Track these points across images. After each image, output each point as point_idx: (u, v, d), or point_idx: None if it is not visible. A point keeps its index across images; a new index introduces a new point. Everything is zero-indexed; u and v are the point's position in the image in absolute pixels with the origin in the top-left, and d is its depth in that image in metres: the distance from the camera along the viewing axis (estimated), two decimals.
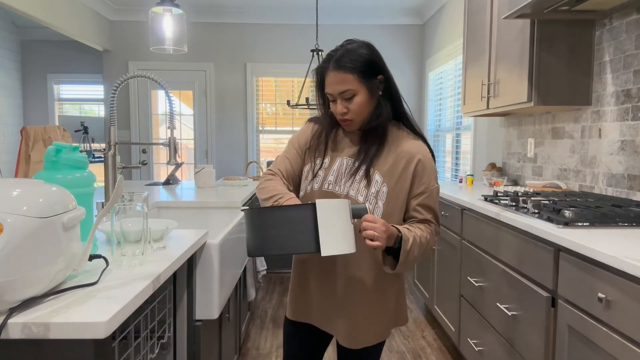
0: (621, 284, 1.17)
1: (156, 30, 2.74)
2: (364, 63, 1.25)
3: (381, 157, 1.30)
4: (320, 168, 1.35)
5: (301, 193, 1.38)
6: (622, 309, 1.17)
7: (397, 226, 1.22)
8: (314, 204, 1.04)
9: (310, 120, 1.45)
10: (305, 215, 1.03)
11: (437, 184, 1.33)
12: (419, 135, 1.35)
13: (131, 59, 5.45)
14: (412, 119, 1.38)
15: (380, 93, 1.30)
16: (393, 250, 1.23)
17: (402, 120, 1.37)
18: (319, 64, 1.33)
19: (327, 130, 1.38)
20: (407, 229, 1.23)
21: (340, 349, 1.42)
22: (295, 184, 1.40)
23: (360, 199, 1.27)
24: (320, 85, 1.34)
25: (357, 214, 1.14)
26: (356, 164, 1.30)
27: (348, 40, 1.31)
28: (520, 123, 3.05)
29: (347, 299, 1.32)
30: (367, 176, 1.28)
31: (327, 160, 1.35)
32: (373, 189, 1.27)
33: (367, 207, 1.20)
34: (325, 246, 1.02)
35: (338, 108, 1.28)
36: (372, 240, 1.10)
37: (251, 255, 1.07)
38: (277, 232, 1.03)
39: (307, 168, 1.38)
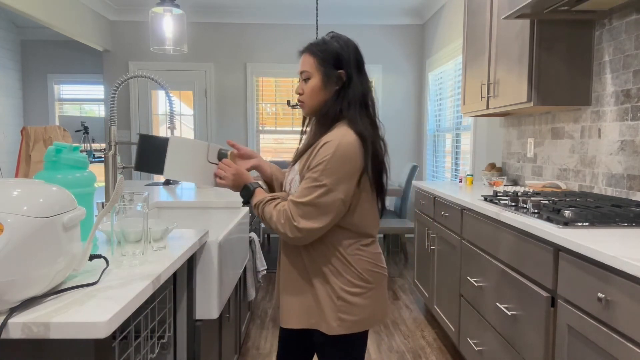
0: (621, 284, 1.17)
1: (156, 30, 2.74)
2: (328, 52, 1.31)
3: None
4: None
5: None
6: (622, 308, 1.17)
7: (256, 185, 1.36)
8: (169, 138, 1.32)
9: None
10: (162, 144, 1.33)
11: (327, 179, 1.21)
12: (360, 134, 1.26)
13: (131, 59, 5.45)
14: (367, 126, 1.29)
15: (336, 87, 1.32)
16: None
17: (352, 117, 1.29)
18: None
19: (308, 119, 1.45)
20: (264, 196, 1.33)
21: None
22: None
23: (288, 187, 1.36)
24: None
25: (220, 157, 1.42)
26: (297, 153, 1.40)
27: (333, 32, 1.38)
28: (520, 123, 3.05)
29: (282, 280, 1.41)
30: (293, 164, 1.37)
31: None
32: (290, 176, 1.37)
33: (229, 153, 1.44)
34: (167, 171, 1.31)
35: (297, 88, 1.37)
36: (221, 179, 1.37)
37: (135, 170, 1.35)
38: (145, 155, 1.33)
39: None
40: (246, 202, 1.38)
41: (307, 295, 1.34)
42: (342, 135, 1.24)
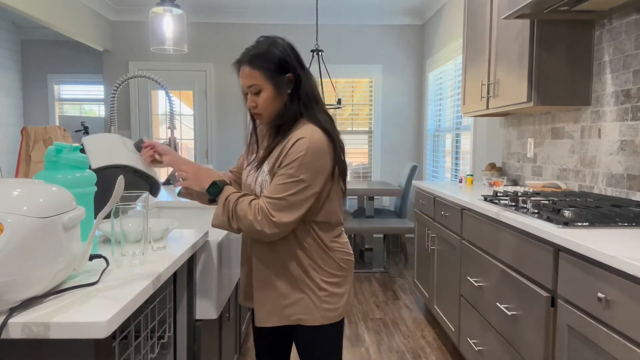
0: (621, 284, 1.17)
1: (156, 30, 2.74)
2: (272, 60, 1.29)
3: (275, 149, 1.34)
4: (250, 162, 1.45)
5: None
6: (622, 308, 1.17)
7: (223, 182, 1.34)
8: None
9: None
10: (83, 146, 1.40)
11: (304, 174, 1.25)
12: (326, 130, 1.30)
13: (131, 59, 5.45)
14: (326, 120, 1.34)
15: (288, 91, 1.32)
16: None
17: (311, 115, 1.33)
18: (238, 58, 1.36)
19: (253, 125, 1.46)
20: (235, 192, 1.31)
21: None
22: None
23: (258, 189, 1.35)
24: None
25: (137, 146, 1.47)
26: (258, 158, 1.39)
27: (264, 36, 1.35)
28: (520, 123, 3.05)
29: (255, 280, 1.40)
30: (260, 167, 1.36)
31: (254, 156, 1.44)
32: (260, 178, 1.35)
33: (143, 139, 1.48)
34: (93, 162, 1.37)
35: (248, 102, 1.35)
36: (183, 179, 1.37)
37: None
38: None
39: (245, 163, 1.49)
40: (213, 200, 1.35)
41: (285, 292, 1.37)
42: (311, 132, 1.27)
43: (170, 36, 2.75)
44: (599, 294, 1.24)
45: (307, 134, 1.27)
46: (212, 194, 1.33)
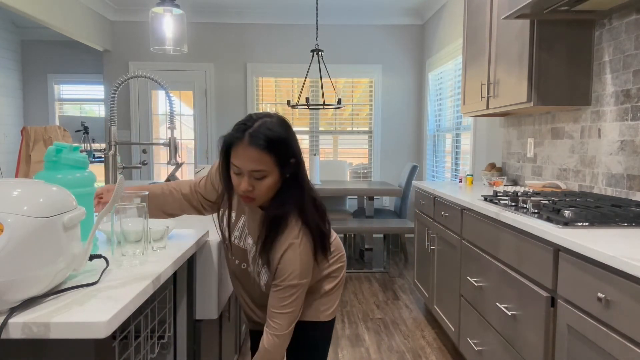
0: (621, 284, 1.17)
1: (156, 30, 2.74)
2: (281, 144, 1.19)
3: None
4: (229, 220, 1.37)
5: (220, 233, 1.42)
6: (622, 308, 1.17)
7: None
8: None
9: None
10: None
11: (302, 279, 1.25)
12: (308, 225, 1.27)
13: (131, 59, 5.45)
14: (314, 201, 1.30)
15: (287, 176, 1.23)
16: None
17: (302, 206, 1.27)
18: (230, 132, 1.21)
19: (227, 192, 1.34)
20: None
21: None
22: (206, 205, 1.45)
23: (264, 279, 1.33)
24: (226, 152, 1.24)
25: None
26: (249, 242, 1.34)
27: (267, 113, 1.24)
28: (520, 123, 3.05)
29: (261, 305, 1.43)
30: (255, 257, 1.32)
31: (233, 215, 1.37)
32: (256, 269, 1.34)
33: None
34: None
35: (242, 185, 1.20)
36: None
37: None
38: None
39: (222, 211, 1.38)
40: None
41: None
42: (295, 238, 1.24)
43: (170, 36, 2.75)
44: (599, 294, 1.24)
45: (294, 242, 1.24)
46: None
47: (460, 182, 3.28)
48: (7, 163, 5.86)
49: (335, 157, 5.69)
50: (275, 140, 1.17)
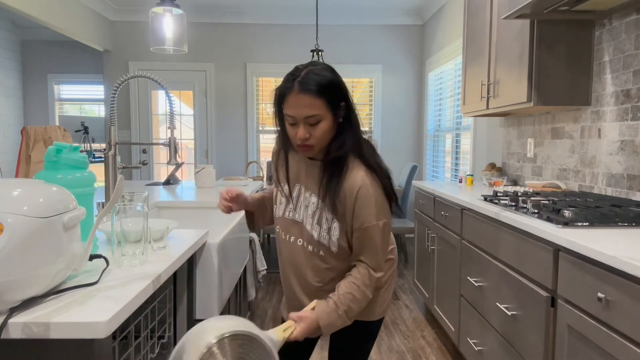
0: (621, 284, 1.17)
1: (156, 30, 2.74)
2: (331, 87, 1.21)
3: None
4: (282, 195, 1.37)
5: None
6: (622, 308, 1.17)
7: (316, 311, 1.19)
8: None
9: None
10: None
11: (381, 219, 1.24)
12: (371, 166, 1.27)
13: (131, 59, 5.45)
14: (370, 146, 1.31)
15: (340, 120, 1.25)
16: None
17: (360, 149, 1.29)
18: (281, 83, 1.25)
19: (285, 152, 1.37)
20: (327, 304, 1.21)
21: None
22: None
23: (315, 234, 1.28)
24: (279, 104, 1.27)
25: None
26: (313, 200, 1.30)
27: (311, 62, 1.28)
28: (519, 123, 3.05)
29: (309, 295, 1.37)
30: (322, 214, 1.28)
31: (286, 188, 1.36)
32: (325, 226, 1.28)
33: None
34: None
35: (300, 133, 1.22)
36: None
37: None
38: None
39: (275, 192, 1.41)
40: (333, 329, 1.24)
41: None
42: (363, 178, 1.23)
43: (170, 36, 2.75)
44: (599, 294, 1.24)
45: (365, 181, 1.23)
46: (327, 329, 1.21)
47: (460, 182, 3.28)
48: (7, 163, 5.86)
49: None
50: (324, 84, 1.20)
